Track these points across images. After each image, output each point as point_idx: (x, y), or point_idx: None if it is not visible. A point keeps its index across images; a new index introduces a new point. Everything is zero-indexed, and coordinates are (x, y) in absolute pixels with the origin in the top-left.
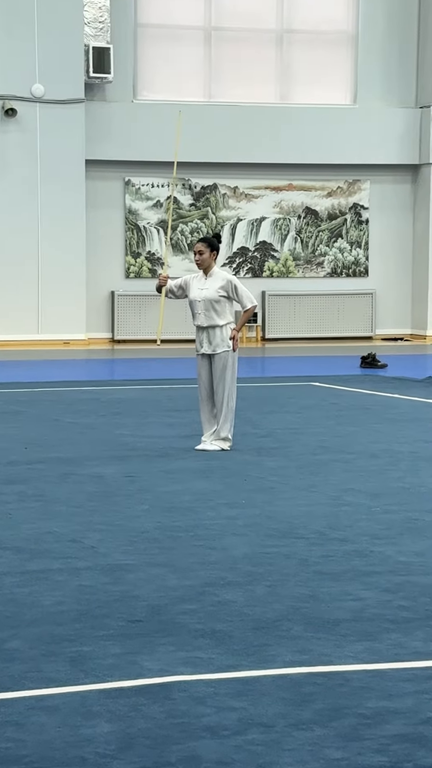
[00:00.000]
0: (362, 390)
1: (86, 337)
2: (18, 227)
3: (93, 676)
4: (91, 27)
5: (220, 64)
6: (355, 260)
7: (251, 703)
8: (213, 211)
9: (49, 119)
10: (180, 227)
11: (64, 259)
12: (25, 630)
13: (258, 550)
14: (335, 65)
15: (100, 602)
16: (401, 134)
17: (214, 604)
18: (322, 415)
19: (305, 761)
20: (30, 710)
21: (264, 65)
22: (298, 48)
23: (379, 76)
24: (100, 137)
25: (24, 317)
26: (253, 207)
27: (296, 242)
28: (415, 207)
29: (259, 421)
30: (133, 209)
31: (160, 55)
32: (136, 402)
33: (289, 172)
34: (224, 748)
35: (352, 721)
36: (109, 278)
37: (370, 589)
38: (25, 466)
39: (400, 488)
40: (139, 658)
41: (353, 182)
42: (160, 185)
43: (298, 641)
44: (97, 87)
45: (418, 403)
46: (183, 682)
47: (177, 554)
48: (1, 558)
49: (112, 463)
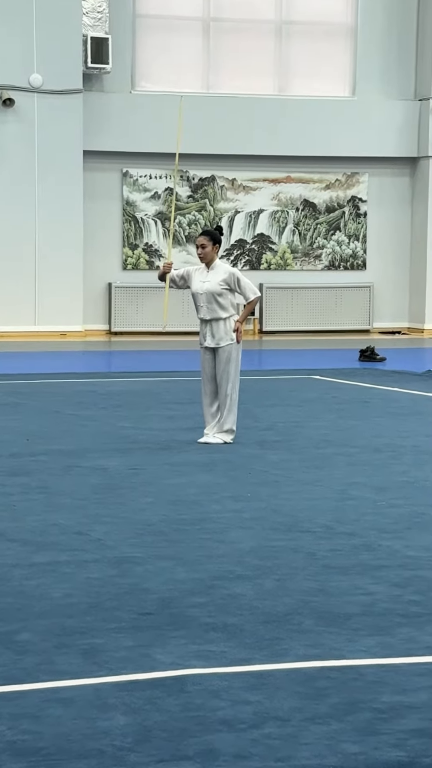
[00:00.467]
0: (362, 383)
1: (83, 328)
2: (15, 218)
3: (106, 668)
4: (90, 17)
5: (218, 55)
6: (352, 253)
7: (266, 696)
8: (211, 203)
9: (47, 109)
10: (178, 219)
11: (61, 250)
12: (35, 622)
13: (265, 544)
14: (334, 57)
15: (110, 595)
16: (400, 127)
17: (223, 597)
18: (323, 408)
19: (323, 755)
20: (45, 702)
21: (263, 57)
22: (297, 40)
23: (378, 69)
24: (98, 128)
25: (21, 309)
26: (251, 199)
27: (294, 235)
28: (413, 200)
29: (261, 414)
30: (130, 200)
31: (159, 46)
32: (136, 394)
33: (288, 164)
34: (241, 742)
35: (367, 716)
36: (106, 270)
37: (380, 583)
38: (28, 458)
39: (405, 482)
40: (151, 651)
41: (351, 175)
42: (158, 176)
43: (310, 635)
44: (95, 77)
45: (419, 397)
46: (197, 676)
47: (184, 547)
48: (8, 550)
49: (115, 456)
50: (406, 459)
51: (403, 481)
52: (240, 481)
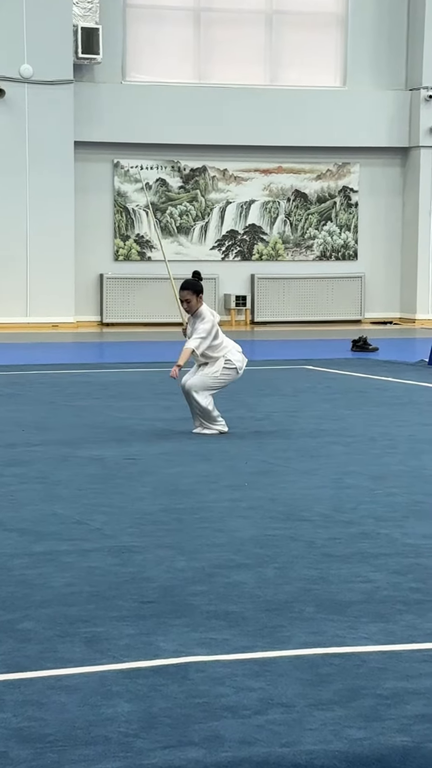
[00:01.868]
0: (356, 373)
1: (75, 320)
2: (6, 210)
3: (109, 656)
4: (80, 7)
5: (209, 45)
6: (344, 243)
7: (270, 683)
8: (202, 194)
9: (38, 100)
10: (169, 210)
11: (52, 241)
12: (37, 611)
13: (264, 533)
14: (325, 47)
15: (111, 583)
16: (391, 117)
17: (224, 585)
18: (317, 398)
19: (328, 740)
20: (50, 690)
21: (253, 47)
22: (288, 29)
23: (368, 58)
24: (88, 119)
25: (12, 301)
26: (243, 190)
27: (285, 225)
28: (404, 190)
29: (255, 404)
30: (122, 191)
31: (150, 36)
32: (129, 384)
33: (279, 154)
34: (246, 728)
35: (371, 702)
36: (97, 261)
37: (380, 571)
38: (25, 449)
39: (402, 471)
40: (153, 638)
41: (343, 165)
42: (149, 167)
43: (312, 623)
44: (85, 68)
45: (413, 386)
46: (200, 663)
47: (184, 536)
48: (8, 540)
49: (111, 446)
50: (401, 448)
51: (400, 469)
52: (237, 471)
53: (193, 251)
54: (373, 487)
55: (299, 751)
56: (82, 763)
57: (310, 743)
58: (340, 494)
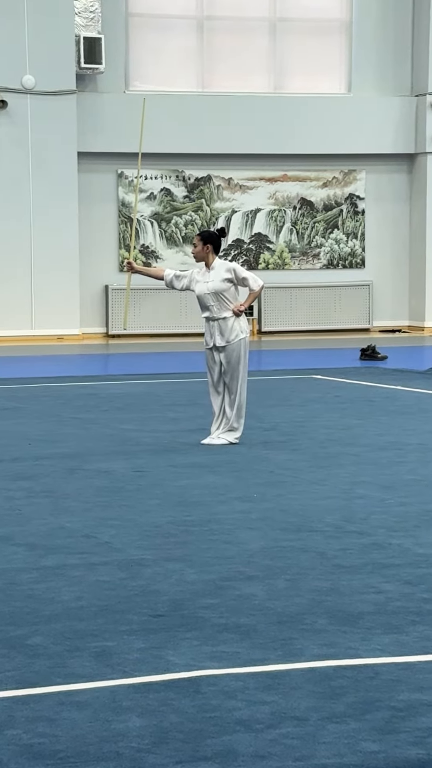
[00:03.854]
0: (365, 382)
1: (80, 332)
2: (9, 222)
3: (120, 671)
4: (82, 17)
5: (212, 53)
6: (351, 251)
7: (282, 696)
8: (207, 203)
9: (40, 111)
10: (174, 219)
11: (56, 253)
12: (46, 626)
13: (274, 544)
14: (329, 54)
15: (120, 597)
16: (397, 123)
17: (235, 598)
18: (326, 408)
19: (342, 754)
20: (60, 705)
21: (257, 55)
22: (292, 37)
23: (373, 65)
24: (92, 129)
25: (16, 313)
26: (248, 198)
27: (292, 234)
28: (411, 197)
29: (263, 414)
30: (126, 202)
31: (152, 45)
32: (136, 397)
33: (284, 162)
34: (259, 742)
35: (385, 714)
36: (102, 272)
37: (392, 581)
38: (31, 462)
39: (412, 480)
40: (164, 652)
41: (349, 172)
42: (153, 177)
43: (324, 635)
44: (88, 78)
45: (422, 395)
46: (211, 677)
47: (193, 549)
48: (15, 554)
49: (118, 458)
50: (411, 457)
51: (411, 479)
52: (246, 482)
53: None
54: (384, 497)
55: (313, 765)
56: None
57: (324, 757)
58: (350, 504)
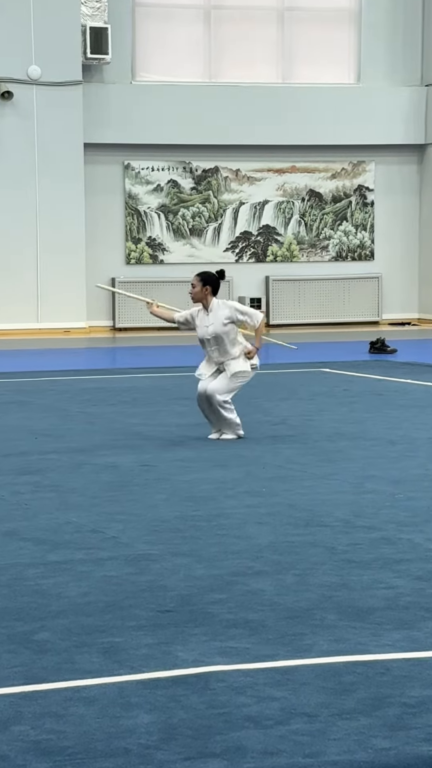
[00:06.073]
0: (374, 376)
1: (87, 325)
2: (15, 214)
3: (128, 666)
4: (88, 6)
5: (220, 43)
6: (360, 243)
7: (292, 692)
8: (215, 195)
9: (46, 102)
10: (181, 212)
11: (63, 245)
12: (53, 621)
13: (283, 539)
14: (338, 43)
15: (128, 593)
16: (406, 113)
17: (243, 593)
18: (335, 401)
19: (353, 751)
20: (68, 701)
21: (265, 44)
22: (300, 26)
23: (383, 54)
24: (98, 120)
25: (23, 306)
26: (256, 190)
27: (300, 226)
28: (421, 188)
29: (272, 408)
30: (133, 194)
31: (159, 35)
32: (143, 390)
33: (292, 153)
34: (269, 738)
35: (396, 711)
36: (109, 265)
37: (402, 577)
38: (38, 456)
39: (422, 475)
40: (172, 648)
41: (358, 163)
42: (160, 168)
43: (334, 630)
44: (94, 68)
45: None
46: (220, 672)
47: (201, 544)
48: (22, 549)
49: (125, 452)
50: (421, 451)
51: (420, 473)
52: (254, 476)
53: (206, 253)
54: (393, 492)
55: (323, 762)
56: None
57: (334, 753)
58: (359, 499)
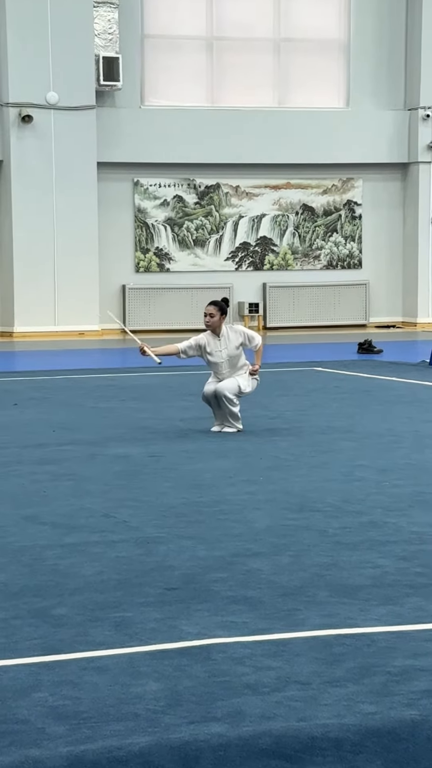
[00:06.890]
0: (362, 374)
1: (100, 328)
2: (35, 227)
3: (137, 639)
4: (101, 38)
5: (221, 71)
6: (349, 253)
7: (287, 662)
8: (216, 209)
9: (63, 125)
10: (186, 224)
11: (78, 255)
12: (69, 598)
13: (279, 523)
14: (329, 71)
15: (137, 572)
16: (391, 135)
17: (243, 572)
18: (327, 397)
19: (342, 715)
20: (83, 671)
21: (262, 72)
22: (294, 55)
23: (369, 81)
24: (110, 141)
25: (42, 310)
26: (254, 204)
27: (294, 237)
28: (404, 203)
29: (269, 404)
30: (141, 208)
31: (166, 64)
32: (151, 388)
33: (287, 171)
34: (266, 704)
35: (382, 679)
36: (120, 273)
37: (387, 557)
38: (55, 448)
39: (407, 464)
40: (178, 622)
41: (347, 180)
42: (166, 185)
43: (325, 606)
44: (107, 94)
45: (415, 386)
46: (221, 645)
47: (204, 527)
48: (41, 532)
49: (135, 444)
50: (406, 443)
51: (405, 463)
52: (253, 466)
53: (208, 262)
54: (380, 480)
55: (315, 725)
56: (114, 738)
57: (325, 717)
58: (349, 486)
